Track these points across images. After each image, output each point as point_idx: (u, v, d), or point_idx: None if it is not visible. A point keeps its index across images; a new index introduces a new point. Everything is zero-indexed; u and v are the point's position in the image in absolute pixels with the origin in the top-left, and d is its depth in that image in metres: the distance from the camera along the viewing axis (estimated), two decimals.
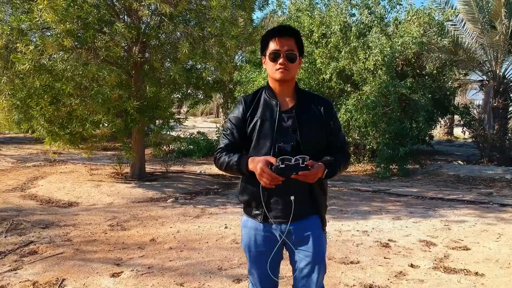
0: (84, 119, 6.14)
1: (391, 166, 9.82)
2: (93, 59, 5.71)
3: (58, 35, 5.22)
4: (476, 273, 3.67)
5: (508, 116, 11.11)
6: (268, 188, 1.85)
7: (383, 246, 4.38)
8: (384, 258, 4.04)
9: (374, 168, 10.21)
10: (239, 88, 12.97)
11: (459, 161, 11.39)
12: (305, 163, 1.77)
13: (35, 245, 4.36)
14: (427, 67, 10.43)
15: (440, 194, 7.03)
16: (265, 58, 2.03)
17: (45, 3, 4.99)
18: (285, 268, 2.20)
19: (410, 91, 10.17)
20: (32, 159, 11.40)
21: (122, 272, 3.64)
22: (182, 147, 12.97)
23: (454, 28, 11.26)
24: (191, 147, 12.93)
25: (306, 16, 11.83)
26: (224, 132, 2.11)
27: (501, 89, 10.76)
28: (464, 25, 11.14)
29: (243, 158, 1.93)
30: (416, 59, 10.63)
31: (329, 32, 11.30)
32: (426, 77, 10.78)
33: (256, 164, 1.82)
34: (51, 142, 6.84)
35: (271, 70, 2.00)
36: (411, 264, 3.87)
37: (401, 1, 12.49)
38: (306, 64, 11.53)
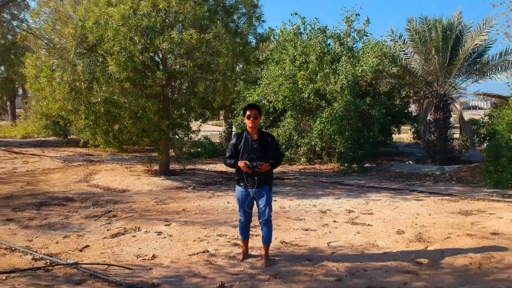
0: (132, 133, 8.88)
1: (353, 165, 12.56)
2: (140, 93, 8.46)
3: (121, 80, 7.95)
4: (368, 225, 6.40)
5: (448, 126, 13.85)
6: (246, 174, 4.60)
7: (322, 212, 7.12)
8: (320, 218, 6.77)
9: (340, 166, 12.94)
10: (237, 101, 15.73)
11: (410, 161, 14.14)
12: (260, 164, 4.51)
13: (114, 212, 7.09)
14: (381, 89, 13.18)
15: (376, 184, 9.78)
16: (244, 117, 4.77)
17: (113, 62, 7.74)
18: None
19: (369, 107, 12.91)
20: (73, 159, 14.10)
21: (170, 224, 6.37)
22: (192, 150, 15.71)
23: (406, 56, 13.98)
24: (199, 150, 15.67)
25: (291, 47, 14.57)
26: (228, 150, 4.83)
27: (441, 105, 13.48)
28: (413, 55, 13.87)
29: (236, 161, 4.66)
30: (374, 82, 13.36)
31: (308, 60, 14.03)
32: (382, 96, 13.52)
33: (241, 163, 4.56)
34: (105, 147, 9.60)
35: (247, 123, 4.73)
36: (334, 221, 6.61)
37: (367, 33, 15.30)
38: (291, 85, 14.23)
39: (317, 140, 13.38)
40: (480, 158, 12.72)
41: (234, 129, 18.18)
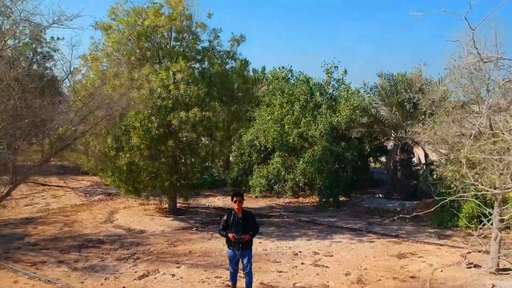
0: (148, 184, 11.06)
1: (330, 199, 14.70)
2: (154, 155, 10.64)
3: (141, 149, 10.12)
4: (326, 266, 8.53)
5: (411, 165, 16.02)
6: (233, 242, 6.78)
7: (294, 254, 9.26)
8: (292, 260, 8.91)
9: (319, 201, 15.09)
10: (233, 139, 17.90)
11: (380, 194, 16.30)
12: (243, 236, 6.69)
13: (137, 254, 9.22)
14: (352, 136, 15.39)
15: (343, 223, 11.93)
16: (232, 201, 6.95)
17: (135, 135, 9.91)
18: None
19: (343, 151, 15.08)
20: (93, 192, 16.20)
21: (180, 266, 8.50)
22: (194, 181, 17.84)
23: (376, 105, 16.17)
24: (200, 181, 17.80)
25: (279, 96, 16.76)
26: (221, 224, 7.01)
27: (405, 148, 15.67)
28: (381, 106, 16.05)
29: (226, 233, 6.83)
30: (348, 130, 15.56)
31: (293, 109, 16.20)
32: (355, 140, 15.72)
33: (230, 235, 6.74)
34: (126, 193, 11.76)
35: (233, 205, 6.91)
36: (302, 263, 8.73)
37: (345, 81, 17.54)
38: (278, 128, 16.39)
39: (300, 177, 15.50)
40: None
41: (231, 158, 20.33)
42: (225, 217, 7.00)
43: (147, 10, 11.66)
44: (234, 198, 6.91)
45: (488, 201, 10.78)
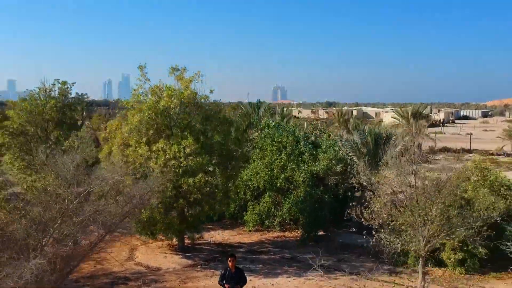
0: (162, 231, 13.81)
1: (311, 234, 17.44)
2: (169, 210, 13.42)
3: (159, 207, 12.88)
4: None
5: None
6: None
7: None
8: None
9: (302, 235, 17.83)
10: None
11: (353, 229, 19.05)
12: (236, 287, 9.47)
13: None
14: (329, 183, 18.20)
15: (317, 261, 14.64)
16: (227, 260, 9.73)
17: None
18: None
19: (322, 194, 17.84)
20: None
21: None
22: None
23: (351, 155, 18.97)
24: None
25: (269, 145, 19.55)
26: (220, 277, 9.78)
27: (373, 190, 18.42)
28: (354, 156, 18.87)
29: (223, 283, 9.61)
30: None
31: (280, 157, 18.99)
32: (333, 184, 18.50)
33: (226, 285, 9.51)
34: (144, 236, 14.50)
35: (229, 263, 9.69)
36: None
37: (325, 132, 20.35)
38: (269, 172, 19.18)
39: (286, 214, 18.26)
40: None
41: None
42: (222, 272, 9.75)
43: (162, 89, 14.53)
44: (229, 258, 9.68)
45: None
